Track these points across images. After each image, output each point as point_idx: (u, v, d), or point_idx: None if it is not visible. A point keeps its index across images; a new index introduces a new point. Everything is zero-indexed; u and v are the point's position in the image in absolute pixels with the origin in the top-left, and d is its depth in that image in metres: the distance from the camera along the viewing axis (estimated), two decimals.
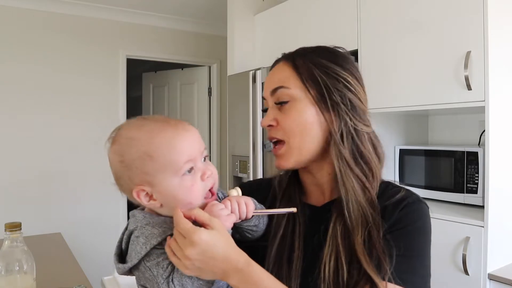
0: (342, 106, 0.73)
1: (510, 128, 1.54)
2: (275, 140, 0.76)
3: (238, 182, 2.53)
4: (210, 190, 0.70)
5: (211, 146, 3.90)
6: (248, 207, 0.69)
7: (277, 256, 0.75)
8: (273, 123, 0.75)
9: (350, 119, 0.73)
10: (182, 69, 4.00)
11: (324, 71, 0.74)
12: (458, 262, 1.51)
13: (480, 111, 1.53)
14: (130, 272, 0.69)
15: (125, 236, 0.69)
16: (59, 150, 3.18)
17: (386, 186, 0.76)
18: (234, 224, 0.68)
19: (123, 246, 0.70)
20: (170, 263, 0.63)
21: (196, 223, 0.63)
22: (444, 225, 1.57)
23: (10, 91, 3.01)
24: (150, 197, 0.67)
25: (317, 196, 0.81)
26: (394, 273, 0.65)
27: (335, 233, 0.71)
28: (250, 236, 0.75)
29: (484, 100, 1.46)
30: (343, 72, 0.74)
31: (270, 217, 0.78)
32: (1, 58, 2.98)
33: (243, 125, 2.42)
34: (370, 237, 0.68)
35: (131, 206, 0.77)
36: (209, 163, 0.71)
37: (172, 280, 0.62)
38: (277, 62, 0.81)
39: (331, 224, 0.72)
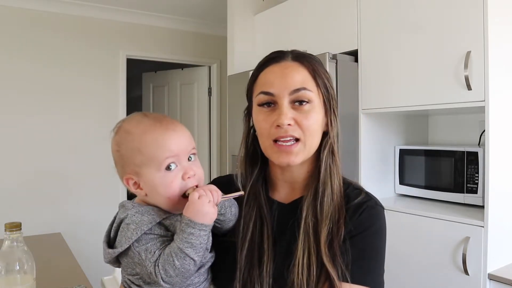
0: (336, 113, 0.82)
1: (510, 128, 1.54)
2: (291, 138, 0.76)
3: None
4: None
5: (211, 146, 3.90)
6: (216, 192, 0.73)
7: (247, 259, 0.77)
8: (292, 122, 0.76)
9: (338, 125, 0.82)
10: (182, 69, 4.00)
11: (327, 79, 0.81)
12: (458, 262, 1.51)
13: (480, 111, 1.53)
14: (117, 260, 0.75)
15: (115, 224, 0.75)
16: (59, 150, 3.18)
17: (347, 186, 0.81)
18: None
19: (112, 234, 0.76)
20: (158, 248, 0.71)
21: None
22: (444, 225, 1.57)
23: (10, 91, 3.01)
24: (138, 185, 0.75)
25: (286, 193, 0.84)
26: (354, 274, 0.71)
27: (307, 229, 0.75)
28: (219, 226, 0.79)
29: (484, 100, 1.46)
30: (333, 83, 0.83)
31: (239, 214, 0.81)
32: (1, 58, 2.98)
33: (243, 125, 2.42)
34: (332, 235, 0.73)
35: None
36: (195, 164, 0.77)
37: (157, 264, 0.69)
38: (280, 58, 0.80)
39: (303, 220, 0.76)
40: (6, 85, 3.00)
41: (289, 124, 0.75)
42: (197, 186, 0.75)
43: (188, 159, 0.76)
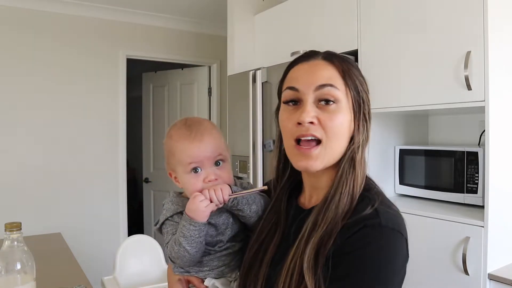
0: (367, 118, 0.76)
1: (510, 128, 1.54)
2: (311, 138, 0.71)
3: (238, 182, 2.53)
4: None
5: None
6: (223, 191, 0.82)
7: (251, 260, 0.80)
8: (315, 121, 0.71)
9: (367, 131, 0.76)
10: (182, 69, 3.99)
11: (360, 82, 0.76)
12: (458, 262, 1.51)
13: (480, 111, 1.53)
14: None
15: (162, 206, 0.92)
16: (59, 150, 3.18)
17: (361, 199, 0.72)
18: (225, 208, 0.85)
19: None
20: (172, 233, 0.85)
21: None
22: (444, 225, 1.57)
23: (10, 91, 3.01)
24: (176, 179, 0.90)
25: (310, 198, 0.81)
26: None
27: (304, 234, 0.71)
28: (243, 220, 0.87)
29: (484, 100, 1.46)
30: (367, 86, 0.78)
31: (264, 213, 0.86)
32: (1, 58, 2.98)
33: (243, 125, 2.42)
34: (321, 244, 0.67)
35: (131, 206, 0.88)
36: (221, 169, 0.88)
37: (167, 246, 0.86)
38: (311, 57, 0.77)
39: (305, 225, 0.72)
40: (6, 85, 2.99)
41: (311, 122, 0.70)
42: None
43: (216, 163, 0.87)
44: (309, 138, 0.71)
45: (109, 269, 2.07)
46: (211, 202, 0.81)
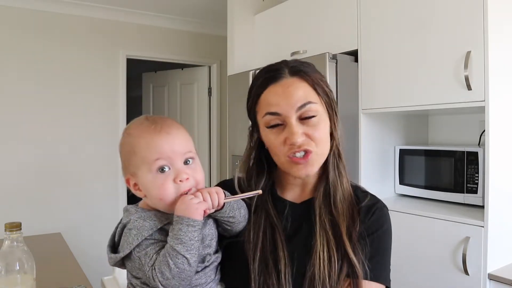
0: (337, 114, 0.84)
1: (510, 128, 1.54)
2: (305, 150, 0.78)
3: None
4: (190, 192, 0.75)
5: (211, 146, 3.90)
6: (219, 194, 0.74)
7: (261, 268, 0.77)
8: (303, 138, 0.78)
9: (340, 125, 0.85)
10: (182, 69, 4.00)
11: (325, 85, 0.83)
12: (458, 262, 1.51)
13: (480, 111, 1.53)
14: (122, 263, 0.76)
15: (118, 229, 0.77)
16: (59, 150, 3.18)
17: (355, 188, 0.87)
18: (212, 217, 0.77)
19: (116, 238, 0.77)
20: (155, 252, 0.71)
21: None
22: (444, 225, 1.57)
23: (10, 91, 3.01)
24: (137, 187, 0.77)
25: (296, 194, 0.88)
26: (370, 271, 0.76)
27: (323, 225, 0.79)
28: (229, 228, 0.80)
29: (484, 100, 1.46)
30: (327, 82, 0.85)
31: (249, 217, 0.83)
32: (1, 58, 2.98)
33: (243, 125, 2.42)
34: (350, 230, 0.79)
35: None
36: (192, 168, 0.77)
37: (154, 267, 0.70)
38: (278, 77, 0.80)
39: (317, 218, 0.80)
40: (6, 85, 2.99)
41: (301, 140, 0.78)
42: (190, 189, 0.76)
43: (186, 162, 0.76)
44: (303, 153, 0.78)
45: (109, 269, 2.07)
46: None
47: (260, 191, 0.81)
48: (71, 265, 1.76)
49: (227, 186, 0.86)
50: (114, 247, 0.77)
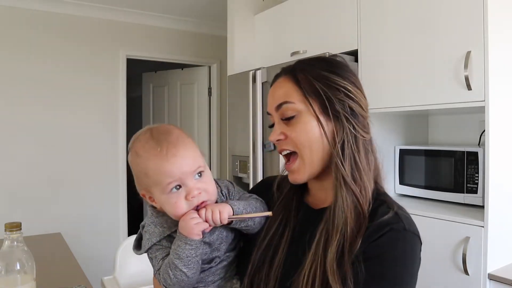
0: (344, 115, 0.74)
1: (510, 128, 1.54)
2: (286, 152, 0.77)
3: (238, 182, 2.53)
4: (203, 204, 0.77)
5: (211, 146, 3.90)
6: (222, 214, 0.75)
7: (261, 257, 0.78)
8: (281, 137, 0.77)
9: (352, 127, 0.74)
10: (182, 69, 4.00)
11: (325, 82, 0.75)
12: (458, 262, 1.51)
13: (480, 111, 1.53)
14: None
15: (140, 228, 0.84)
16: (59, 150, 3.18)
17: (380, 203, 0.73)
18: (229, 225, 0.78)
19: (137, 235, 0.85)
20: (162, 258, 0.77)
21: None
22: (444, 225, 1.57)
23: (10, 91, 3.01)
24: (152, 200, 0.80)
25: (319, 199, 0.82)
26: None
27: (319, 241, 0.71)
28: (245, 232, 0.82)
29: (484, 100, 1.46)
30: (343, 81, 0.75)
31: (272, 208, 0.84)
32: (1, 58, 2.98)
33: (243, 125, 2.42)
34: (343, 252, 0.67)
35: (131, 206, 0.84)
36: (203, 181, 0.78)
37: (159, 272, 0.76)
38: (277, 77, 0.81)
39: (318, 231, 0.72)
40: (6, 85, 3.00)
41: (278, 140, 0.78)
42: (203, 202, 0.77)
43: (196, 175, 0.77)
44: (285, 153, 0.77)
45: (109, 269, 2.07)
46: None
47: (270, 213, 0.79)
48: (71, 265, 1.76)
49: (267, 184, 0.90)
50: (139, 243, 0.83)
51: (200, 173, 0.78)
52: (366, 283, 0.64)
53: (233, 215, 0.76)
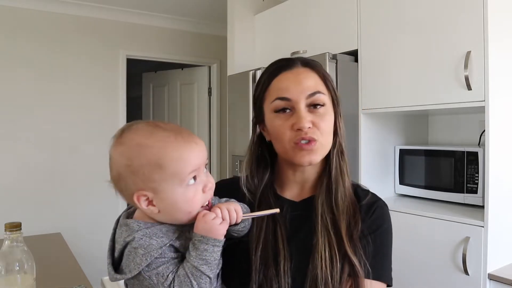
0: (341, 114, 0.86)
1: (510, 128, 1.54)
2: (310, 140, 0.80)
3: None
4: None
5: (211, 146, 3.90)
6: (238, 213, 0.73)
7: (262, 260, 0.77)
8: (311, 125, 0.79)
9: (343, 125, 0.86)
10: (182, 69, 4.00)
11: (333, 83, 0.86)
12: (458, 262, 1.51)
13: (480, 111, 1.53)
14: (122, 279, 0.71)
15: (119, 246, 0.71)
16: (59, 150, 3.18)
17: (356, 186, 0.87)
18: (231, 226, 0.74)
19: (117, 255, 0.71)
20: (171, 272, 0.68)
21: None
22: (444, 225, 1.57)
23: (10, 91, 3.01)
24: (150, 202, 0.70)
25: (296, 192, 0.88)
26: (372, 269, 0.76)
27: (325, 224, 0.79)
28: (236, 235, 0.79)
29: (484, 100, 1.46)
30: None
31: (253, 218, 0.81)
32: (1, 58, 2.98)
33: (243, 125, 2.42)
34: (351, 229, 0.79)
35: (131, 206, 0.78)
36: (209, 175, 0.75)
37: (173, 286, 0.67)
38: (290, 65, 0.84)
39: (319, 216, 0.80)
40: (6, 85, 3.00)
41: (309, 127, 0.79)
42: (209, 201, 0.74)
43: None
44: (308, 140, 0.79)
45: None
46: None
47: (278, 210, 0.78)
48: (71, 265, 1.76)
49: (225, 186, 0.86)
50: (114, 264, 0.73)
51: (206, 167, 0.74)
52: (373, 254, 0.78)
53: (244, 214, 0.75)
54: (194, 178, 0.70)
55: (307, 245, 0.78)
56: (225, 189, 0.83)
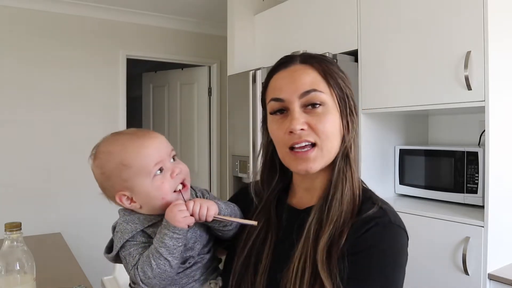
0: (354, 113, 0.78)
1: (510, 128, 1.54)
2: (305, 143, 0.72)
3: (238, 182, 2.53)
4: (182, 183, 0.80)
5: (211, 146, 3.90)
6: (209, 211, 0.75)
7: (243, 266, 0.76)
8: (305, 127, 0.72)
9: (356, 124, 0.78)
10: (182, 69, 3.99)
11: (341, 79, 0.77)
12: (458, 262, 1.51)
13: (480, 111, 1.53)
14: (118, 259, 0.81)
15: (111, 231, 0.83)
16: (59, 150, 3.18)
17: (366, 198, 0.75)
18: (207, 224, 0.79)
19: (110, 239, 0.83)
20: (139, 253, 0.76)
21: None
22: (444, 225, 1.57)
23: (10, 91, 3.01)
24: (131, 200, 0.79)
25: (303, 200, 0.81)
26: None
27: (309, 233, 0.71)
28: (220, 234, 0.81)
29: (484, 100, 1.46)
30: (349, 83, 0.79)
31: (252, 217, 0.81)
32: (1, 58, 2.98)
33: (243, 125, 2.42)
34: (332, 242, 0.68)
35: None
36: (178, 162, 0.82)
37: (137, 267, 0.74)
38: (288, 63, 0.78)
39: (307, 224, 0.72)
40: (6, 84, 2.99)
41: (302, 129, 0.72)
42: (183, 183, 0.80)
43: (172, 159, 0.81)
44: (304, 144, 0.72)
45: (109, 269, 2.07)
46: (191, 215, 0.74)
47: (255, 223, 0.76)
48: (71, 265, 1.76)
49: (238, 200, 0.87)
50: (111, 247, 0.82)
51: (173, 158, 0.81)
52: (354, 276, 0.65)
53: (218, 214, 0.77)
54: (161, 169, 0.77)
55: (289, 254, 0.71)
56: (242, 192, 0.85)
